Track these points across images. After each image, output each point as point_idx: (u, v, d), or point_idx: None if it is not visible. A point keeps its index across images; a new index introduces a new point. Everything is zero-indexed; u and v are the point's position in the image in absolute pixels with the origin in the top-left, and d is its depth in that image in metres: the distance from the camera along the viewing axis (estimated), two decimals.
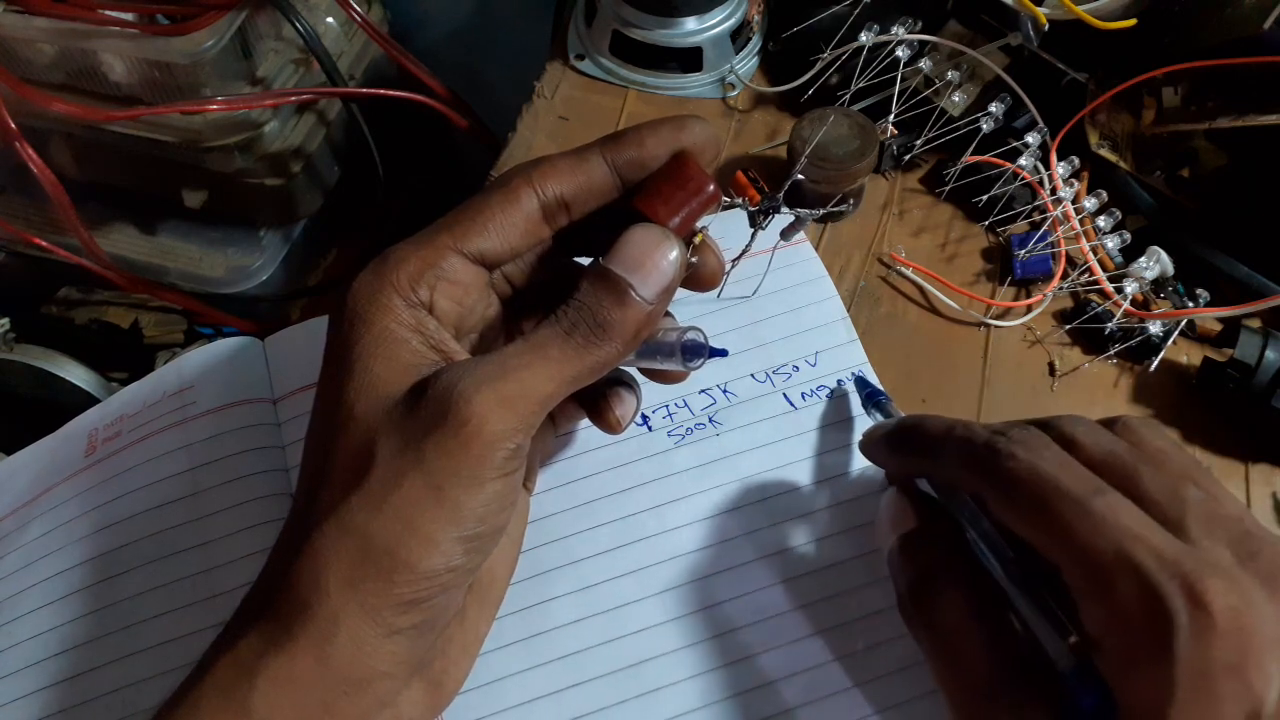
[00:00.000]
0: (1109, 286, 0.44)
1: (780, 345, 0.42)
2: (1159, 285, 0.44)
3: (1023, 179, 0.47)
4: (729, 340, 0.42)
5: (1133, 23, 0.46)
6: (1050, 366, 0.44)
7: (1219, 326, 0.44)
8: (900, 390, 0.41)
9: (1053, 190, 0.46)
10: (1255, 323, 0.43)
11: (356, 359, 0.27)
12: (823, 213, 0.44)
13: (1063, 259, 0.45)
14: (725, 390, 0.41)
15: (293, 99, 0.67)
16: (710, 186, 0.29)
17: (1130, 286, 0.43)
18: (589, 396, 0.33)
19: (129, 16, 0.61)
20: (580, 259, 0.33)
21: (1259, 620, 0.24)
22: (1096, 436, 0.29)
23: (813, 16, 0.53)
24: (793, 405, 0.41)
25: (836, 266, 0.47)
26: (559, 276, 0.31)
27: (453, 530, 0.26)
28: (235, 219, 0.74)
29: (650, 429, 0.40)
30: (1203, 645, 0.24)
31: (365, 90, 0.68)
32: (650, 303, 0.28)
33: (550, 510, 0.38)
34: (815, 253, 0.46)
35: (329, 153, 0.73)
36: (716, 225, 0.31)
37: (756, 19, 0.56)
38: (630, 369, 0.34)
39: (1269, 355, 0.40)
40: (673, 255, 0.28)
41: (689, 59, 0.55)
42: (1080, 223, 0.46)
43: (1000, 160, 0.47)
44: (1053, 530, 0.27)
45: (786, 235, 0.41)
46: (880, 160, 0.49)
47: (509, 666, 0.35)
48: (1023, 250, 0.46)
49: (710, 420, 0.40)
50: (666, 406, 0.41)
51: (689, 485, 0.39)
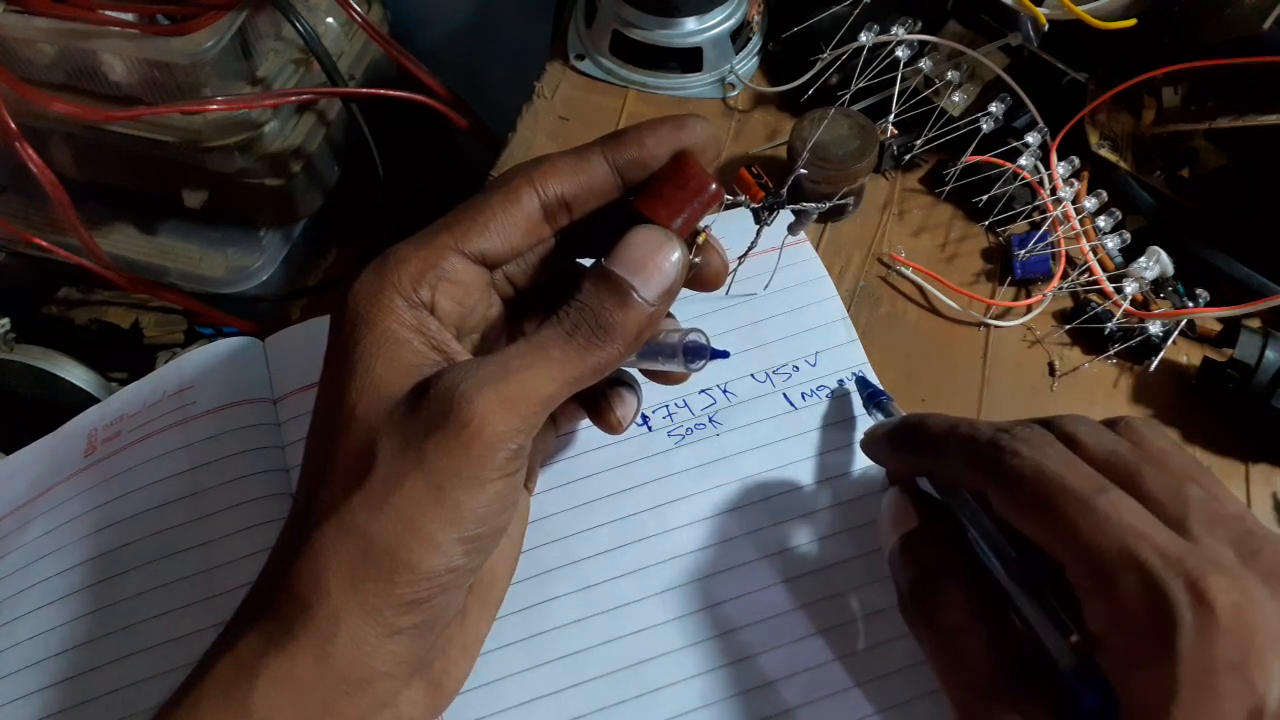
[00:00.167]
0: (1109, 286, 0.44)
1: (780, 345, 0.42)
2: (1159, 285, 0.45)
3: (1023, 179, 0.47)
4: (729, 340, 0.42)
5: (1133, 23, 0.46)
6: (1050, 366, 0.44)
7: (1219, 326, 0.44)
8: (900, 390, 0.41)
9: (1053, 190, 0.46)
10: (1255, 323, 0.43)
11: (358, 359, 0.27)
12: (829, 205, 0.44)
13: (1063, 259, 0.45)
14: (725, 390, 0.41)
15: (293, 99, 0.67)
16: (712, 186, 0.29)
17: (1130, 286, 0.43)
18: (590, 397, 0.33)
19: (129, 16, 0.61)
20: (582, 259, 0.33)
21: (1261, 618, 0.24)
22: (1098, 436, 0.29)
23: (813, 16, 0.53)
24: (793, 405, 0.41)
25: (836, 266, 0.47)
26: (560, 277, 0.31)
27: (453, 531, 0.26)
28: (235, 219, 0.74)
29: (650, 429, 0.40)
30: (1206, 643, 0.24)
31: (365, 90, 0.68)
32: (652, 304, 0.28)
33: (550, 510, 0.38)
34: (815, 253, 0.46)
35: (329, 153, 0.73)
36: (718, 225, 0.31)
37: (756, 19, 0.56)
38: (631, 369, 0.34)
39: (1269, 355, 0.40)
40: (675, 257, 0.28)
41: (689, 59, 0.55)
42: (1080, 223, 0.46)
43: (1000, 160, 0.47)
44: (1056, 528, 0.27)
45: (794, 229, 0.41)
46: (880, 160, 0.49)
47: (509, 666, 0.35)
48: (1023, 250, 0.46)
49: (710, 420, 0.40)
50: (666, 406, 0.41)
51: (689, 485, 0.39)
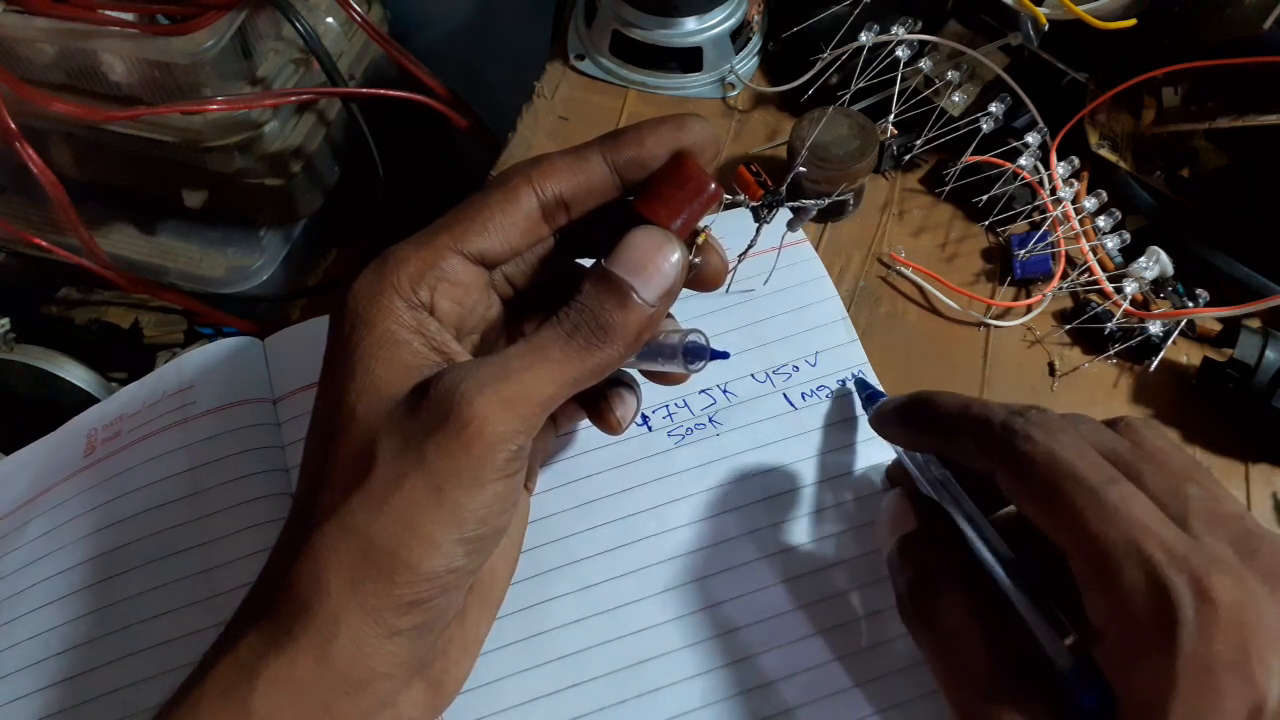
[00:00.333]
0: (1109, 286, 0.44)
1: (780, 345, 0.42)
2: (1159, 285, 0.45)
3: (1023, 179, 0.47)
4: (729, 340, 0.42)
5: (1133, 23, 0.46)
6: (1050, 366, 0.44)
7: (1219, 326, 0.44)
8: (900, 390, 0.41)
9: (1053, 190, 0.46)
10: (1255, 323, 0.43)
11: (358, 360, 0.27)
12: (828, 201, 0.44)
13: (1062, 259, 0.45)
14: (725, 390, 0.41)
15: (293, 99, 0.67)
16: (711, 186, 0.28)
17: (1130, 286, 0.43)
18: (590, 397, 0.33)
19: (129, 16, 0.61)
20: (581, 260, 0.33)
21: (1261, 616, 0.24)
22: (1099, 435, 0.29)
23: (813, 16, 0.53)
24: (793, 405, 0.41)
25: (836, 266, 0.47)
26: (560, 278, 0.31)
27: (454, 531, 0.26)
28: (235, 219, 0.74)
29: (650, 429, 0.40)
30: (1207, 639, 0.24)
31: (365, 90, 0.68)
32: (652, 305, 0.28)
33: (550, 510, 0.38)
34: (815, 253, 0.46)
35: (329, 153, 0.73)
36: (717, 225, 0.31)
37: (756, 19, 0.56)
38: (631, 370, 0.34)
39: (1269, 355, 0.40)
40: (674, 257, 0.28)
41: (689, 59, 0.55)
42: (1080, 223, 0.46)
43: (1000, 160, 0.47)
44: (1064, 516, 0.27)
45: (793, 225, 0.41)
46: (880, 160, 0.49)
47: (509, 666, 0.35)
48: (1023, 250, 0.46)
49: (710, 420, 0.40)
50: (666, 406, 0.41)
51: (689, 485, 0.39)
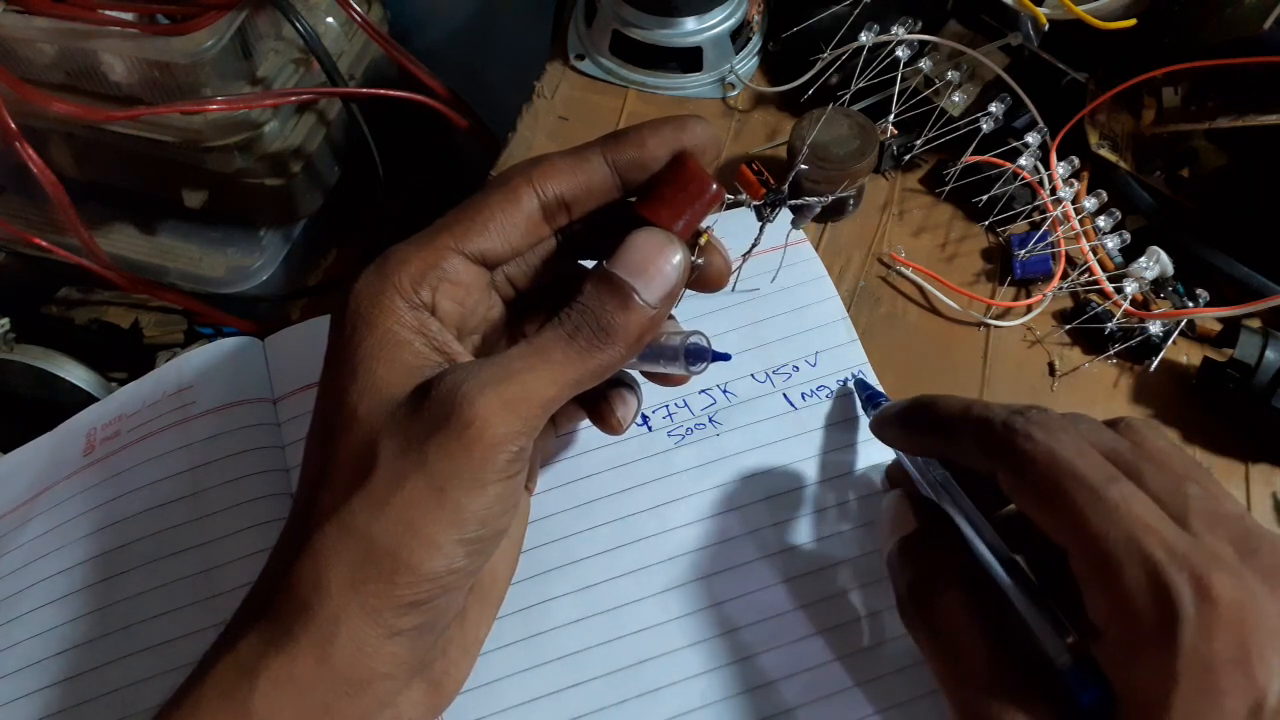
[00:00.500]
0: (1109, 286, 0.44)
1: (780, 345, 0.42)
2: (1159, 285, 0.45)
3: (1023, 179, 0.47)
4: (729, 340, 0.42)
5: (1133, 23, 0.46)
6: (1050, 366, 0.44)
7: (1219, 326, 0.44)
8: (900, 390, 0.41)
9: (1053, 190, 0.46)
10: (1255, 323, 0.43)
11: (359, 361, 0.27)
12: (832, 198, 0.44)
13: (1062, 259, 0.45)
14: (725, 390, 0.41)
15: (293, 99, 0.67)
16: (713, 187, 0.28)
17: (1130, 286, 0.43)
18: (590, 398, 0.33)
19: (129, 16, 0.61)
20: (583, 261, 0.33)
21: (1262, 614, 0.24)
22: (1099, 435, 0.29)
23: (813, 16, 0.53)
24: (793, 405, 0.41)
25: (836, 266, 0.47)
26: (561, 279, 0.31)
27: (454, 532, 0.26)
28: (235, 219, 0.74)
29: (650, 429, 0.40)
30: (1208, 637, 0.24)
31: (365, 90, 0.67)
32: (654, 307, 0.28)
33: (550, 510, 0.38)
34: (815, 253, 0.46)
35: (329, 153, 0.73)
36: (718, 225, 0.31)
37: (756, 19, 0.56)
38: (631, 370, 0.34)
39: (1269, 355, 0.40)
40: (676, 259, 0.28)
41: (689, 59, 0.55)
42: (1080, 223, 0.46)
43: (1000, 160, 0.47)
44: (1064, 514, 0.27)
45: (797, 223, 0.41)
46: (880, 160, 0.49)
47: (509, 666, 0.35)
48: (1023, 250, 0.46)
49: (710, 420, 0.40)
50: (666, 406, 0.41)
51: (689, 485, 0.39)
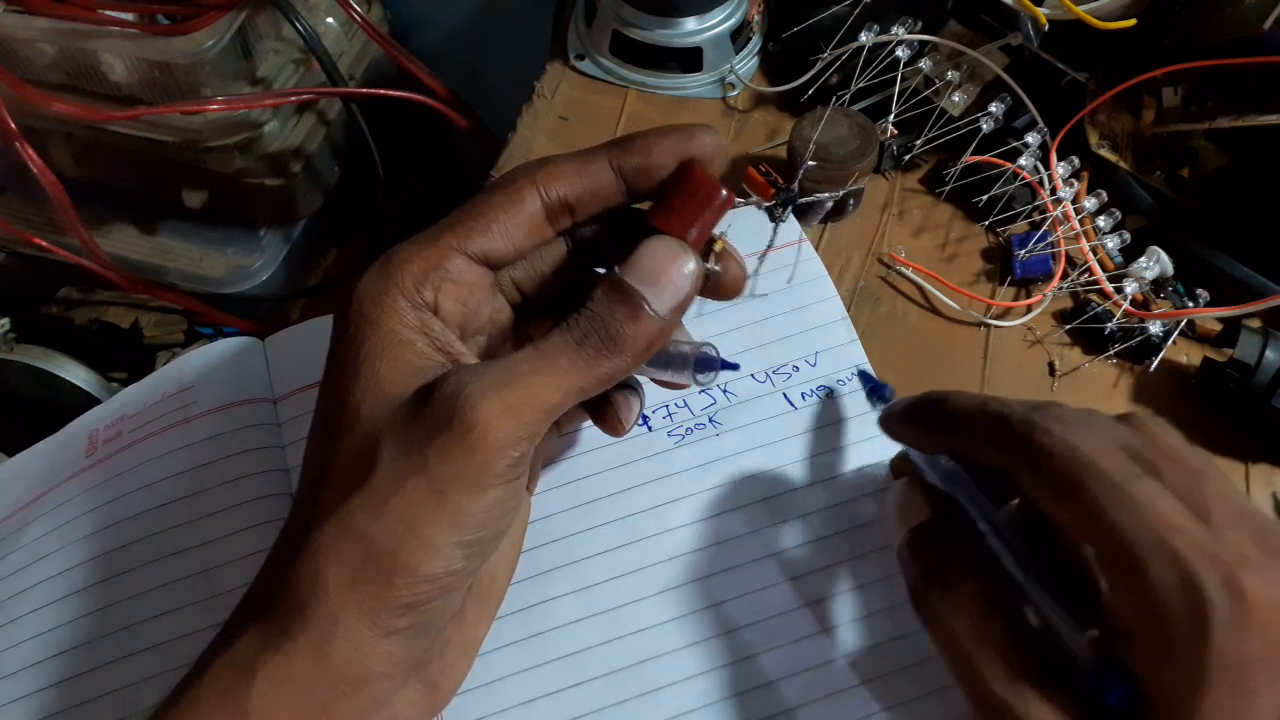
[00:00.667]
0: (1109, 286, 0.44)
1: (780, 345, 0.42)
2: (1159, 285, 0.44)
3: (1023, 179, 0.46)
4: (729, 340, 0.42)
5: (1133, 23, 0.46)
6: (1050, 366, 0.44)
7: (1219, 326, 0.44)
8: (900, 390, 0.41)
9: (1053, 190, 0.46)
10: (1255, 323, 0.43)
11: (362, 361, 0.27)
12: (842, 193, 0.45)
13: (1062, 259, 0.45)
14: (725, 390, 0.41)
15: (293, 99, 0.67)
16: (722, 193, 0.28)
17: (1130, 286, 0.43)
18: (593, 399, 0.33)
19: (129, 16, 0.61)
20: (593, 268, 0.32)
21: None
22: (1114, 430, 0.28)
23: (813, 16, 0.53)
24: (793, 405, 0.41)
25: (836, 266, 0.47)
26: (569, 286, 0.31)
27: (453, 535, 0.26)
28: (235, 219, 0.74)
29: (650, 429, 0.40)
30: (1239, 637, 0.23)
31: (365, 90, 0.67)
32: (664, 317, 0.27)
33: (550, 510, 0.38)
34: (815, 253, 0.46)
35: (329, 153, 0.73)
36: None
37: (756, 19, 0.56)
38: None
39: (1269, 355, 0.40)
40: (689, 269, 0.28)
41: (689, 59, 0.55)
42: (1080, 223, 0.46)
43: (1000, 160, 0.47)
44: (1088, 510, 0.26)
45: (808, 221, 0.41)
46: (880, 160, 0.49)
47: (509, 666, 0.35)
48: (1023, 250, 0.46)
49: (710, 420, 0.40)
50: (666, 406, 0.41)
51: (689, 485, 0.39)
